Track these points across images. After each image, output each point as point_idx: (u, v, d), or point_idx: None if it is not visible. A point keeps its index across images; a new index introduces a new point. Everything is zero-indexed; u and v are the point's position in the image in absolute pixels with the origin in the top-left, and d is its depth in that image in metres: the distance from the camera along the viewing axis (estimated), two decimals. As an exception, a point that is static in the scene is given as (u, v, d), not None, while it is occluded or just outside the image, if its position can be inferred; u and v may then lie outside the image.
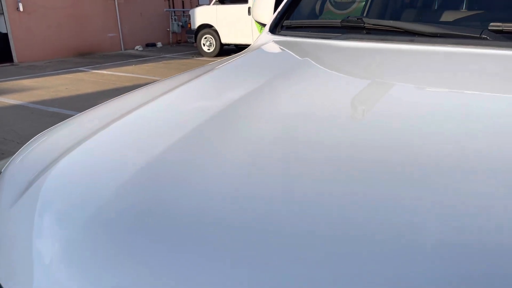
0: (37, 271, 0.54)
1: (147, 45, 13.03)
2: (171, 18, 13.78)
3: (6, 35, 10.15)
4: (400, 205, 0.53)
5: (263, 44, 1.44)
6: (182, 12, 14.16)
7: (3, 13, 10.03)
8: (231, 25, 10.31)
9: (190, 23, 11.28)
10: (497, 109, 0.81)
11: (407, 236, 0.47)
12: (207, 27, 10.82)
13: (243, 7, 9.96)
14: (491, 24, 1.16)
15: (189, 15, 11.40)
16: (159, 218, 0.55)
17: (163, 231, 0.53)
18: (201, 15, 10.90)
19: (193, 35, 11.11)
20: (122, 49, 12.51)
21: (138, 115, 0.89)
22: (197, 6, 11.91)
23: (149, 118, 0.88)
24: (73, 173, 0.70)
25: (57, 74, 8.48)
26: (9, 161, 0.87)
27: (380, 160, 0.63)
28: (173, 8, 14.08)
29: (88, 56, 11.31)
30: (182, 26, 13.59)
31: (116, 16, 12.31)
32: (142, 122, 0.87)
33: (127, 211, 0.57)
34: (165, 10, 13.78)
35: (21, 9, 10.14)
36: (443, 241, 0.46)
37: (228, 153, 0.68)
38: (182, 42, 14.15)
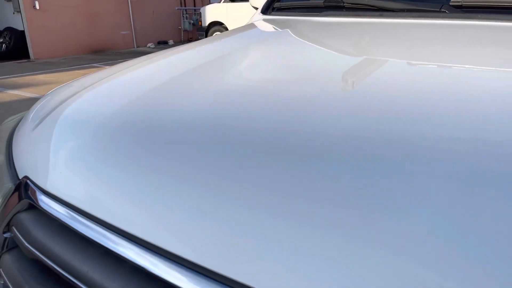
0: (54, 167, 0.71)
1: (159, 42, 13.28)
2: (183, 16, 14.01)
3: (22, 32, 10.46)
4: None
5: (253, 22, 1.62)
6: (193, 10, 14.38)
7: (20, 11, 10.35)
8: (241, 22, 10.45)
9: (201, 21, 11.48)
10: (451, 67, 0.96)
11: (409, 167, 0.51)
12: (217, 25, 11.01)
13: (252, 5, 10.10)
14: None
15: (200, 13, 11.60)
16: (155, 128, 0.70)
17: (157, 137, 0.68)
18: (211, 13, 11.08)
19: (204, 33, 11.30)
20: (135, 47, 12.78)
21: (137, 67, 1.08)
22: (208, 4, 12.11)
23: (144, 70, 1.07)
24: (82, 105, 0.88)
25: (72, 69, 8.74)
26: (31, 108, 1.06)
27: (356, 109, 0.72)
28: (185, 6, 14.31)
29: (101, 53, 11.59)
30: (193, 24, 13.81)
31: (129, 14, 12.57)
32: (140, 72, 1.06)
33: (126, 124, 0.73)
34: (176, 8, 14.02)
35: (37, 7, 10.44)
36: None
37: (213, 84, 0.88)
38: (193, 39, 14.38)
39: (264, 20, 1.62)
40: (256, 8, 2.01)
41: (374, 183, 0.49)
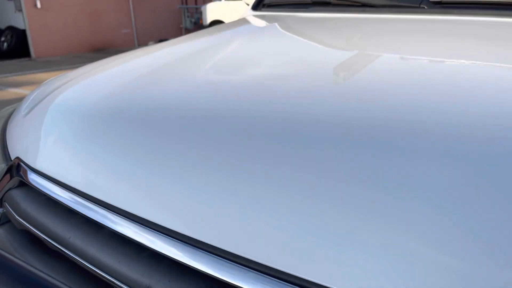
0: (43, 149, 0.77)
1: (160, 41, 13.29)
2: (184, 15, 14.03)
3: (24, 31, 10.52)
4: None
5: (243, 17, 1.68)
6: (195, 8, 14.40)
7: (21, 10, 10.41)
8: (241, 20, 10.48)
9: (202, 19, 11.51)
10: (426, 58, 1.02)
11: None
12: (218, 23, 11.04)
13: (253, 3, 10.14)
14: (433, -4, 1.37)
15: (201, 12, 11.63)
16: (137, 111, 0.76)
17: (142, 119, 0.73)
18: (212, 11, 11.10)
19: (205, 31, 11.31)
20: (136, 45, 12.82)
21: (127, 59, 1.14)
22: (209, 2, 12.15)
23: (133, 61, 1.13)
24: (71, 92, 0.93)
25: (72, 68, 8.71)
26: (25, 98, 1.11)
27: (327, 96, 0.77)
28: (186, 4, 14.35)
29: (102, 51, 11.63)
30: (194, 23, 13.81)
31: (130, 12, 12.62)
32: (129, 63, 1.12)
33: (108, 108, 0.79)
34: (178, 6, 14.05)
35: (38, 6, 10.50)
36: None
37: (198, 72, 0.94)
38: (194, 38, 14.37)
39: (254, 15, 1.68)
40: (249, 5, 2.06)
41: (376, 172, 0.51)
